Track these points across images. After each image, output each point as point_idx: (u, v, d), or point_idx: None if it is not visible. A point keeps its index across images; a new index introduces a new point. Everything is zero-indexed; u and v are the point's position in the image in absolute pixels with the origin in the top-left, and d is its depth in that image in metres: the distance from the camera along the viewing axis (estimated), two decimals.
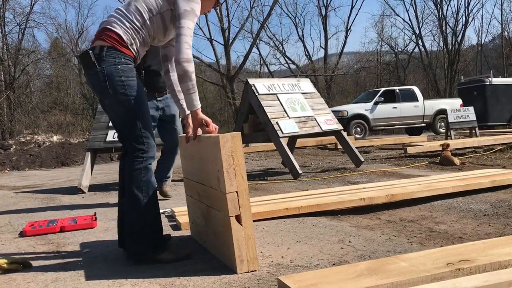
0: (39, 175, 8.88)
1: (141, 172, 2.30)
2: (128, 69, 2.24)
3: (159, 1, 2.27)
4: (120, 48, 2.21)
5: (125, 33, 2.22)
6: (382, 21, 33.92)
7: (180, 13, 2.20)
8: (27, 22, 22.91)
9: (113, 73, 2.20)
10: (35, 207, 4.64)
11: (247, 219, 2.10)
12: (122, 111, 2.27)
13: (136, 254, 2.33)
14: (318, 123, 6.19)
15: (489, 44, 35.55)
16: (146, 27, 2.27)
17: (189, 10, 2.21)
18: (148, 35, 2.30)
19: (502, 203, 3.42)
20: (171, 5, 2.27)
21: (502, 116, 16.60)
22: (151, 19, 2.27)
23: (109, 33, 2.22)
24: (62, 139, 13.65)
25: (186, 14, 2.20)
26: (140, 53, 2.35)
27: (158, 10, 2.27)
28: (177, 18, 2.21)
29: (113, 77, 2.20)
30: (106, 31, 2.22)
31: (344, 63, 34.33)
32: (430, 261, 1.81)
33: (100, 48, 2.20)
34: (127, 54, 2.25)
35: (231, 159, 2.08)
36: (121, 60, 2.22)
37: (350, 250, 2.42)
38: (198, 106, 2.29)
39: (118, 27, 2.22)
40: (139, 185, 2.29)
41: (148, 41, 2.34)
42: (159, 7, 2.27)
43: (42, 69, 25.20)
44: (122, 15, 2.25)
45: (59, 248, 2.80)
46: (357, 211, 3.40)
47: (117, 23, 2.23)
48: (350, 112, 14.75)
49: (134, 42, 2.26)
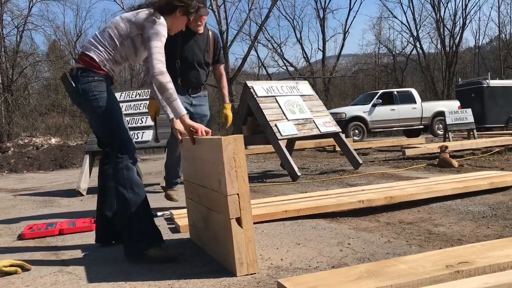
0: (37, 177, 8.86)
1: (123, 171, 2.54)
2: (100, 85, 2.57)
3: (129, 27, 2.58)
4: (92, 69, 2.56)
5: (97, 56, 2.57)
6: (380, 23, 34.05)
7: (148, 37, 2.52)
8: (25, 24, 22.90)
9: (86, 89, 2.54)
10: (34, 210, 4.63)
11: (247, 222, 2.10)
12: (100, 120, 2.60)
13: (131, 250, 2.49)
14: (317, 125, 6.20)
15: (486, 46, 35.70)
16: (117, 50, 2.60)
17: (156, 33, 2.51)
18: (120, 56, 2.63)
19: (500, 205, 3.42)
20: (140, 30, 2.57)
21: (500, 118, 16.66)
22: (122, 43, 2.60)
23: (84, 57, 2.58)
24: (61, 142, 13.63)
25: (153, 37, 2.51)
26: (114, 71, 2.68)
27: (128, 35, 2.59)
28: (146, 41, 2.53)
29: (86, 92, 2.54)
30: (82, 55, 2.60)
31: (342, 65, 34.41)
32: (429, 263, 1.81)
33: (76, 70, 2.57)
34: (99, 73, 2.58)
35: (233, 161, 2.09)
36: (93, 78, 2.55)
37: (350, 253, 2.42)
38: (183, 112, 2.50)
39: (92, 52, 2.57)
40: (123, 184, 2.53)
41: (121, 61, 2.67)
42: (129, 32, 2.58)
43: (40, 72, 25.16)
44: (97, 40, 2.60)
45: (58, 251, 2.79)
46: (356, 213, 3.41)
47: (91, 48, 2.58)
48: (348, 114, 14.77)
49: (107, 62, 2.59)
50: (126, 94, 6.22)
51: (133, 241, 2.47)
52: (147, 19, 2.54)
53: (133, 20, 2.57)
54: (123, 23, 2.58)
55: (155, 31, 2.51)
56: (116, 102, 2.64)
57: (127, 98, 6.16)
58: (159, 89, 2.49)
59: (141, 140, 5.65)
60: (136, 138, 5.66)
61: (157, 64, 2.46)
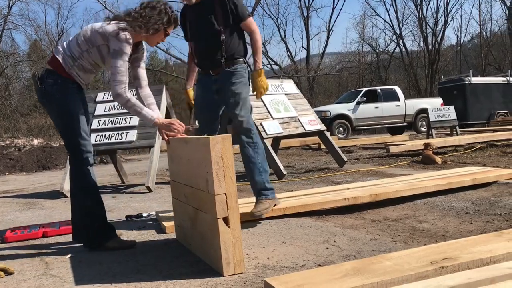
0: (19, 179, 8.74)
1: (80, 173, 2.75)
2: (65, 88, 2.69)
3: (94, 37, 2.67)
4: (58, 72, 2.67)
5: (63, 61, 2.68)
6: (363, 21, 34.22)
7: (111, 53, 2.64)
8: (5, 24, 22.56)
9: (49, 91, 2.67)
10: (16, 212, 4.57)
11: (235, 222, 2.10)
12: (61, 122, 2.75)
13: (87, 242, 2.78)
14: (302, 124, 6.22)
15: (468, 43, 36.14)
16: (84, 57, 2.70)
17: (118, 50, 2.61)
18: (88, 62, 2.73)
19: (483, 201, 3.48)
20: (105, 41, 2.66)
21: (482, 115, 16.89)
22: (88, 50, 2.69)
23: (52, 60, 2.71)
24: (43, 143, 13.43)
25: (114, 54, 2.62)
26: (82, 77, 2.76)
27: (94, 44, 2.68)
28: (110, 57, 2.65)
29: (50, 94, 2.68)
30: (52, 57, 2.72)
31: (326, 63, 34.52)
32: (414, 259, 1.83)
33: (44, 71, 2.71)
34: (65, 77, 2.69)
35: (220, 161, 2.08)
36: (57, 81, 2.67)
37: (336, 250, 2.43)
38: (154, 117, 2.69)
39: (60, 56, 2.69)
40: (79, 185, 2.76)
41: (90, 68, 2.76)
42: (94, 41, 2.68)
43: (22, 72, 24.79)
44: (64, 46, 2.72)
45: (42, 254, 2.76)
46: (341, 211, 3.43)
47: (60, 52, 2.70)
48: (333, 112, 14.85)
49: (72, 68, 2.69)
50: (109, 94, 6.15)
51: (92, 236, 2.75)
52: (112, 33, 2.63)
53: (100, 31, 2.66)
54: (90, 32, 2.69)
55: (118, 47, 2.61)
56: (76, 108, 2.73)
57: (110, 98, 6.09)
58: (124, 107, 2.70)
59: (125, 140, 5.60)
60: (120, 139, 5.61)
61: (115, 86, 2.62)
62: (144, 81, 2.91)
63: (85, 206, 2.76)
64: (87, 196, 2.77)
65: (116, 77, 2.61)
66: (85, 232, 2.78)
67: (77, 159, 2.74)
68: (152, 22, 2.68)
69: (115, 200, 4.90)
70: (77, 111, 2.73)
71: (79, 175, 2.75)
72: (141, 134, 5.66)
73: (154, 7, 2.72)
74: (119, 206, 4.48)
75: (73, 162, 2.77)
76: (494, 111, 17.00)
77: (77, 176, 2.76)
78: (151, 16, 2.68)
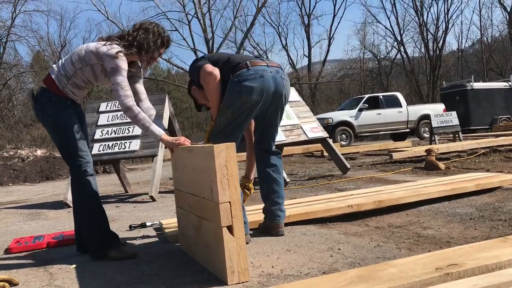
0: (23, 190, 8.75)
1: (80, 184, 2.79)
2: (59, 105, 2.76)
3: (88, 56, 2.72)
4: (52, 90, 2.75)
5: (57, 79, 2.75)
6: (364, 28, 34.58)
7: (108, 72, 2.69)
8: (8, 35, 22.73)
9: (45, 108, 2.76)
10: (20, 223, 4.57)
11: (239, 230, 2.10)
12: (57, 137, 2.81)
13: (91, 252, 2.80)
14: (304, 131, 6.22)
15: (469, 49, 36.22)
16: (78, 75, 2.75)
17: (115, 67, 2.66)
18: (81, 80, 2.78)
19: (487, 207, 3.46)
20: (99, 60, 2.71)
21: (484, 120, 16.88)
22: (82, 69, 2.75)
23: (47, 79, 2.79)
24: (46, 153, 13.46)
25: (113, 72, 2.67)
26: (76, 94, 2.83)
27: (88, 63, 2.74)
28: (109, 75, 2.69)
29: (45, 111, 2.77)
30: (46, 76, 2.80)
31: (328, 70, 34.61)
32: (419, 266, 1.83)
33: (39, 89, 2.80)
34: (59, 95, 2.76)
35: (225, 169, 2.08)
36: (51, 99, 2.75)
37: (340, 258, 2.42)
38: (161, 133, 2.70)
39: (55, 74, 2.76)
40: (80, 196, 2.80)
41: (83, 85, 2.82)
42: (88, 60, 2.73)
43: (25, 83, 24.95)
44: (59, 65, 2.80)
45: (46, 264, 2.75)
46: (345, 218, 3.42)
47: (55, 71, 2.78)
48: (335, 119, 14.86)
49: (66, 86, 2.75)
50: (112, 104, 6.19)
51: (96, 246, 2.76)
52: (106, 52, 2.68)
53: (94, 51, 2.72)
54: (84, 51, 2.74)
55: (114, 65, 2.66)
56: (71, 121, 2.79)
57: (113, 108, 6.13)
58: (133, 122, 2.71)
59: (128, 149, 5.61)
60: (123, 148, 5.62)
61: (123, 100, 2.65)
62: (143, 95, 2.96)
63: (87, 216, 2.80)
64: (89, 206, 2.80)
65: (120, 92, 2.65)
66: (89, 242, 2.81)
67: (76, 170, 2.78)
68: (146, 45, 2.76)
69: (118, 210, 4.90)
70: (71, 124, 2.78)
71: (79, 185, 2.80)
72: (144, 144, 5.67)
73: (147, 29, 2.80)
74: (122, 215, 4.48)
75: (72, 173, 2.83)
76: (497, 116, 17.00)
77: (78, 187, 2.81)
78: (145, 39, 2.76)
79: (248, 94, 2.71)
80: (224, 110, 2.77)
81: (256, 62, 2.78)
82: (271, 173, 3.06)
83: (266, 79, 2.74)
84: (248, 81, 2.70)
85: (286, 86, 2.89)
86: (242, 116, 2.78)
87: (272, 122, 3.01)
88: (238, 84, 2.70)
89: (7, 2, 22.76)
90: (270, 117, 2.96)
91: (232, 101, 2.72)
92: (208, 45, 23.54)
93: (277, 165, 3.10)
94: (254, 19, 24.13)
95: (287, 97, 2.95)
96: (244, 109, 2.75)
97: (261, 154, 3.10)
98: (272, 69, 2.80)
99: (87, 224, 2.80)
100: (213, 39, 23.69)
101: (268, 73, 2.76)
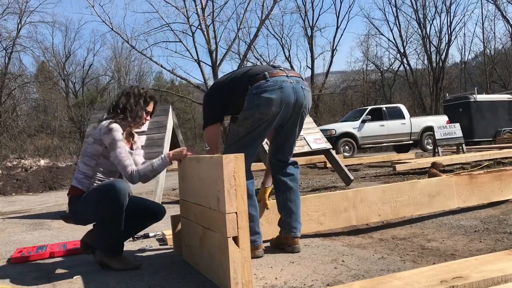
0: (26, 200, 8.76)
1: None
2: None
3: (95, 148, 2.82)
4: (79, 195, 2.82)
5: (79, 184, 2.83)
6: (367, 40, 34.47)
7: (108, 148, 2.78)
8: (14, 46, 22.89)
9: (77, 209, 2.85)
10: (23, 232, 4.57)
11: (244, 241, 2.09)
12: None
13: (99, 262, 2.82)
14: (307, 142, 6.22)
15: (472, 61, 36.25)
16: (97, 169, 2.84)
17: (112, 141, 2.75)
18: (102, 171, 2.85)
19: (491, 219, 3.45)
20: (103, 144, 2.80)
21: (488, 132, 16.86)
22: (98, 162, 2.84)
23: (71, 189, 2.87)
24: (50, 163, 13.51)
25: (111, 146, 2.76)
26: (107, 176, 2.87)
27: (98, 154, 2.82)
28: (109, 151, 2.78)
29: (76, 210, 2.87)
30: (71, 187, 2.89)
31: (331, 82, 34.71)
32: (423, 279, 1.81)
33: (69, 199, 2.90)
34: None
35: (232, 179, 2.08)
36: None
37: (344, 270, 2.41)
38: (164, 157, 2.80)
39: (76, 182, 2.85)
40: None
41: (108, 169, 2.87)
42: (97, 152, 2.82)
43: (29, 93, 25.10)
44: (77, 171, 2.89)
45: (49, 275, 2.75)
46: (349, 230, 3.40)
47: (75, 179, 2.87)
48: (338, 131, 14.86)
49: (90, 185, 2.82)
50: None
51: (101, 251, 2.79)
52: (100, 133, 2.78)
53: (97, 138, 2.80)
54: (90, 146, 2.84)
55: (111, 140, 2.74)
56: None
57: None
58: (142, 180, 2.80)
59: None
60: None
61: (125, 173, 2.76)
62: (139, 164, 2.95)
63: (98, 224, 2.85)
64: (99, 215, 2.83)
65: (121, 164, 2.75)
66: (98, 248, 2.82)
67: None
68: (129, 108, 2.86)
69: None
70: None
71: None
72: (147, 154, 5.67)
73: (128, 94, 2.90)
74: None
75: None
76: (500, 128, 16.97)
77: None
78: (127, 103, 2.87)
79: (267, 106, 2.62)
80: (242, 120, 2.71)
81: (275, 72, 2.68)
82: (288, 182, 3.00)
83: (285, 90, 2.65)
84: (267, 92, 2.62)
85: (307, 96, 2.78)
86: (260, 128, 2.70)
87: (291, 134, 2.92)
88: (256, 96, 2.62)
89: (13, 13, 22.96)
90: (289, 128, 2.88)
91: (251, 113, 2.65)
92: (211, 56, 23.61)
93: (294, 174, 3.04)
94: (258, 30, 24.21)
95: (308, 107, 2.84)
96: (263, 121, 2.67)
97: (277, 164, 3.03)
98: (292, 79, 2.70)
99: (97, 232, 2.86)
100: (217, 50, 23.76)
101: (287, 84, 2.66)
